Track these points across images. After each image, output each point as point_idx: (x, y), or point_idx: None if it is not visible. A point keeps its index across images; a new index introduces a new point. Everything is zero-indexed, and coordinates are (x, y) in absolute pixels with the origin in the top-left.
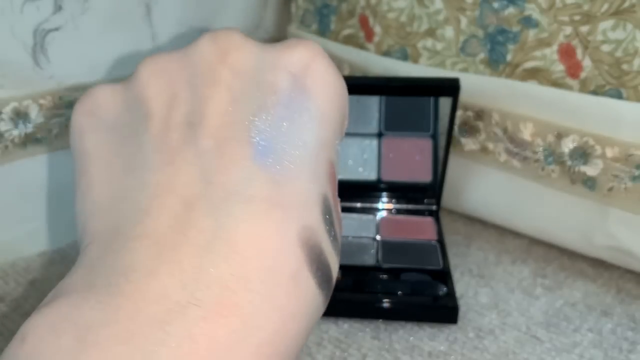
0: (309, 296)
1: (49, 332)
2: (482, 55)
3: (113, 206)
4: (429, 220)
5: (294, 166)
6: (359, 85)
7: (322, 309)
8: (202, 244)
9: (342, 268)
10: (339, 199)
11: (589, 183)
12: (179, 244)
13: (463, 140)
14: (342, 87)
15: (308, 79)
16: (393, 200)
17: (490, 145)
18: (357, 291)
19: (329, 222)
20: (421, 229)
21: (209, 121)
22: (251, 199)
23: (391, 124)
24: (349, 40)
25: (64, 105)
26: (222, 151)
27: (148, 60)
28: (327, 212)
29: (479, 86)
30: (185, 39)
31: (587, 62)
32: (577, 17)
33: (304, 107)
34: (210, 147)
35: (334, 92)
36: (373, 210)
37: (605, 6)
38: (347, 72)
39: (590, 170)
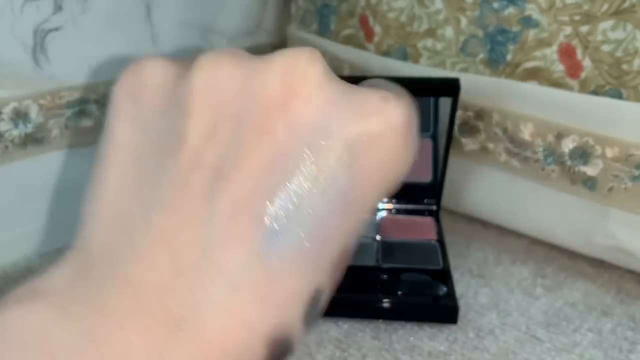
0: None
1: (15, 342)
2: (482, 55)
3: (111, 225)
4: (429, 220)
5: (296, 262)
6: None
7: None
8: (176, 318)
9: None
10: (345, 265)
11: (589, 183)
12: (156, 309)
13: (463, 140)
14: (404, 166)
15: (364, 159)
16: (393, 200)
17: (490, 145)
18: (357, 291)
19: (313, 314)
20: (421, 229)
21: (237, 181)
22: (237, 288)
23: None
24: (349, 40)
25: (63, 105)
26: (233, 225)
27: (210, 62)
28: (313, 305)
29: (479, 86)
30: (185, 40)
31: (587, 62)
32: (577, 17)
33: (340, 190)
34: (225, 214)
35: (387, 177)
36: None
37: (605, 6)
38: (347, 72)
39: (590, 170)
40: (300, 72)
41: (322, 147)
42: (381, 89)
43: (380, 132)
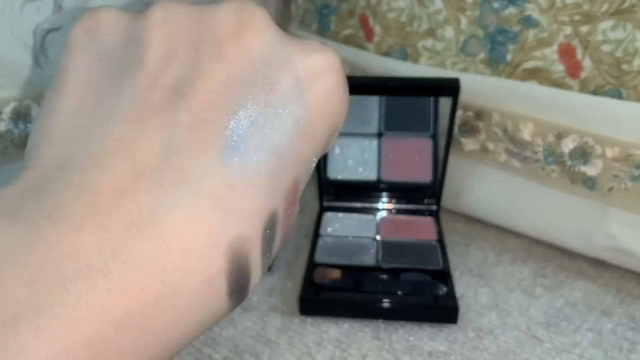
0: (215, 302)
1: None
2: (482, 55)
3: (69, 140)
4: (429, 220)
5: (256, 174)
6: (359, 85)
7: (225, 314)
8: (135, 219)
9: (342, 268)
10: (294, 215)
11: (589, 183)
12: (113, 210)
13: (463, 140)
14: (344, 106)
15: (311, 90)
16: (393, 200)
17: (490, 145)
18: (357, 291)
19: (268, 238)
20: (421, 229)
21: (196, 95)
22: (199, 193)
23: (391, 124)
24: (349, 40)
25: None
26: (194, 133)
27: (165, 3)
28: (269, 228)
29: (479, 86)
30: None
31: (587, 62)
32: (577, 17)
33: (293, 115)
34: (185, 124)
35: (332, 110)
36: (373, 210)
37: (605, 6)
38: (347, 72)
39: (590, 170)
40: (250, 11)
41: (274, 75)
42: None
43: (323, 67)
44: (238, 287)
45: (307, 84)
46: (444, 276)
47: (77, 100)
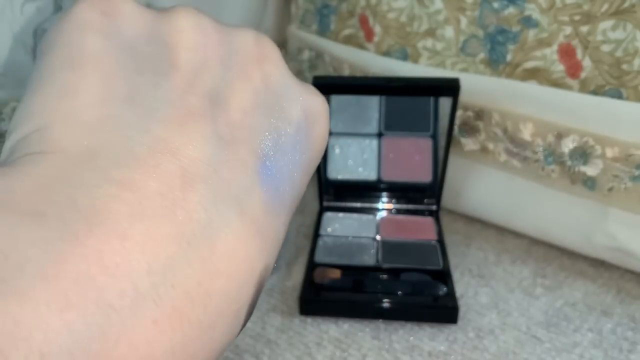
0: (234, 331)
1: None
2: (482, 55)
3: (99, 128)
4: (429, 220)
5: (281, 205)
6: (359, 85)
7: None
8: (187, 234)
9: (342, 268)
10: None
11: (589, 183)
12: (164, 220)
13: (463, 140)
14: (323, 149)
15: (314, 129)
16: (393, 200)
17: (490, 145)
18: (357, 291)
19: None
20: (421, 229)
21: (232, 111)
22: (245, 214)
23: (391, 124)
24: (349, 40)
25: None
26: (234, 148)
27: (190, 10)
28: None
29: (479, 86)
30: None
31: (587, 62)
32: (577, 17)
33: (303, 149)
34: (226, 137)
35: (320, 152)
36: (373, 210)
37: (605, 6)
38: (347, 72)
39: (590, 170)
40: (268, 43)
41: (288, 106)
42: None
43: (321, 110)
44: (250, 315)
45: (311, 121)
46: (444, 276)
47: (102, 86)
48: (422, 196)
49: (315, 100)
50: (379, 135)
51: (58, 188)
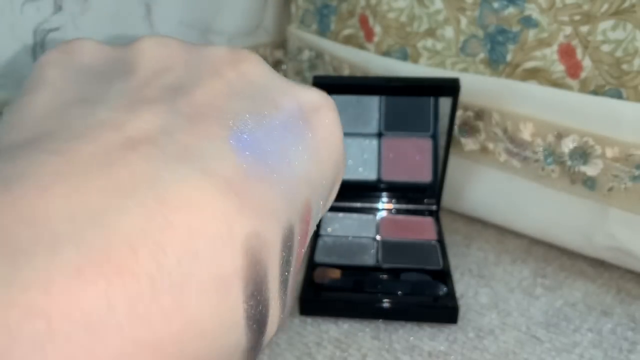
0: (230, 323)
1: None
2: (482, 55)
3: (45, 121)
4: (429, 220)
5: (269, 174)
6: (359, 85)
7: (241, 356)
8: (126, 187)
9: (342, 268)
10: (302, 252)
11: (589, 183)
12: (96, 175)
13: (463, 140)
14: (343, 154)
15: (314, 118)
16: (393, 200)
17: (490, 145)
18: (357, 291)
19: (287, 256)
20: (421, 229)
21: (194, 95)
22: (210, 172)
23: (391, 124)
24: (349, 40)
25: None
26: (197, 121)
27: (154, 36)
28: (287, 242)
29: (479, 86)
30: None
31: (587, 62)
32: (577, 17)
33: (302, 134)
34: (186, 113)
35: (335, 145)
36: (373, 210)
37: (605, 6)
38: (347, 72)
39: (590, 170)
40: (246, 50)
41: (277, 98)
42: None
43: (322, 102)
44: (256, 313)
45: (310, 113)
46: (444, 276)
47: (55, 98)
48: (422, 196)
49: (312, 95)
50: (379, 135)
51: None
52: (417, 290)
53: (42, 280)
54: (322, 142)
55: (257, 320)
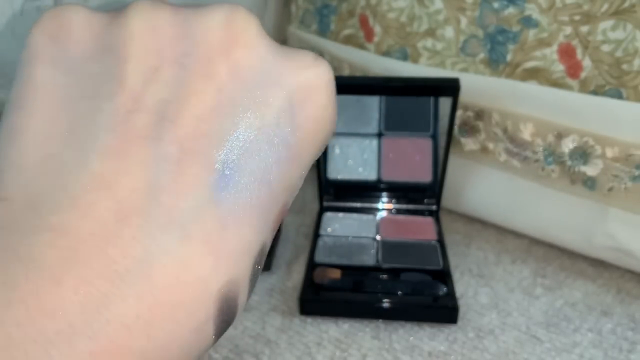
0: (202, 345)
1: None
2: (482, 55)
3: (39, 172)
4: (429, 220)
5: (247, 209)
6: (359, 85)
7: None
8: (120, 271)
9: (342, 268)
10: (278, 228)
11: (589, 183)
12: (97, 260)
13: (463, 140)
14: (333, 123)
15: (303, 112)
16: (393, 200)
17: (490, 145)
18: (357, 291)
19: (256, 271)
20: (421, 229)
21: (183, 123)
22: (189, 237)
23: (391, 124)
24: (349, 40)
25: None
26: (182, 168)
27: (145, 7)
28: (258, 262)
29: (479, 86)
30: None
31: (587, 62)
32: (577, 17)
33: (286, 141)
34: (172, 157)
35: (321, 130)
36: (373, 210)
37: (605, 6)
38: (347, 72)
39: (590, 170)
40: (241, 21)
41: (266, 94)
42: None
43: (315, 84)
44: (225, 326)
45: (299, 104)
46: (444, 276)
47: (45, 122)
48: (422, 196)
49: (306, 75)
50: (379, 135)
51: (2, 237)
52: (417, 290)
53: None
54: (306, 136)
55: (225, 329)
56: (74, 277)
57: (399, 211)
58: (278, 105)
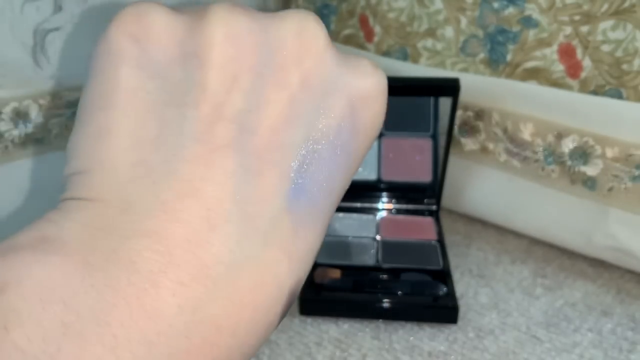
0: (270, 333)
1: (34, 294)
2: (482, 55)
3: (132, 175)
4: (429, 220)
5: (315, 215)
6: None
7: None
8: (212, 275)
9: (342, 268)
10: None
11: (589, 183)
12: (191, 264)
13: (463, 140)
14: (379, 131)
15: (362, 117)
16: (393, 200)
17: (490, 145)
18: (357, 291)
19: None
20: (421, 229)
21: (261, 133)
22: (268, 244)
23: (391, 124)
24: (349, 40)
25: (63, 105)
26: (261, 178)
27: (226, 13)
28: (314, 260)
29: (479, 86)
30: None
31: (587, 62)
32: (577, 17)
33: (345, 148)
34: (253, 167)
35: (374, 134)
36: (373, 210)
37: (605, 6)
38: None
39: (590, 170)
40: (312, 31)
41: (332, 103)
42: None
43: (374, 93)
44: (285, 316)
45: (359, 111)
46: (444, 276)
47: (136, 126)
48: (422, 196)
49: (365, 83)
50: (379, 135)
51: (100, 239)
52: (417, 290)
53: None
54: (361, 142)
55: (286, 313)
56: (171, 281)
57: (399, 211)
58: (341, 113)
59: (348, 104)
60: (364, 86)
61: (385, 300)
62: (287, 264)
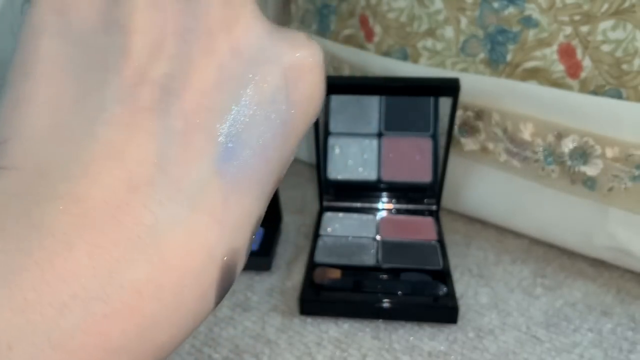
0: (204, 311)
1: None
2: (482, 55)
3: (49, 141)
4: (429, 220)
5: (248, 181)
6: (359, 85)
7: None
8: (132, 237)
9: (342, 268)
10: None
11: (589, 183)
12: (109, 226)
13: (463, 140)
14: (321, 102)
15: (297, 89)
16: (393, 200)
17: (490, 145)
18: (357, 291)
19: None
20: (421, 229)
21: (187, 98)
22: (196, 208)
23: (391, 124)
24: (349, 40)
25: None
26: (188, 140)
27: None
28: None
29: (479, 86)
30: None
31: (587, 62)
32: (577, 17)
33: (282, 117)
34: (179, 130)
35: (312, 108)
36: (373, 210)
37: (605, 6)
38: (347, 72)
39: (590, 170)
40: (239, 0)
41: (263, 72)
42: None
43: (308, 63)
44: (224, 293)
45: (293, 82)
46: (444, 276)
47: (53, 91)
48: (422, 196)
49: (300, 54)
50: (379, 135)
51: (14, 204)
52: (417, 290)
53: (82, 329)
54: (300, 114)
55: (224, 295)
56: (87, 243)
57: (399, 211)
58: (274, 83)
59: (282, 74)
60: (297, 57)
61: (385, 300)
62: (217, 230)
